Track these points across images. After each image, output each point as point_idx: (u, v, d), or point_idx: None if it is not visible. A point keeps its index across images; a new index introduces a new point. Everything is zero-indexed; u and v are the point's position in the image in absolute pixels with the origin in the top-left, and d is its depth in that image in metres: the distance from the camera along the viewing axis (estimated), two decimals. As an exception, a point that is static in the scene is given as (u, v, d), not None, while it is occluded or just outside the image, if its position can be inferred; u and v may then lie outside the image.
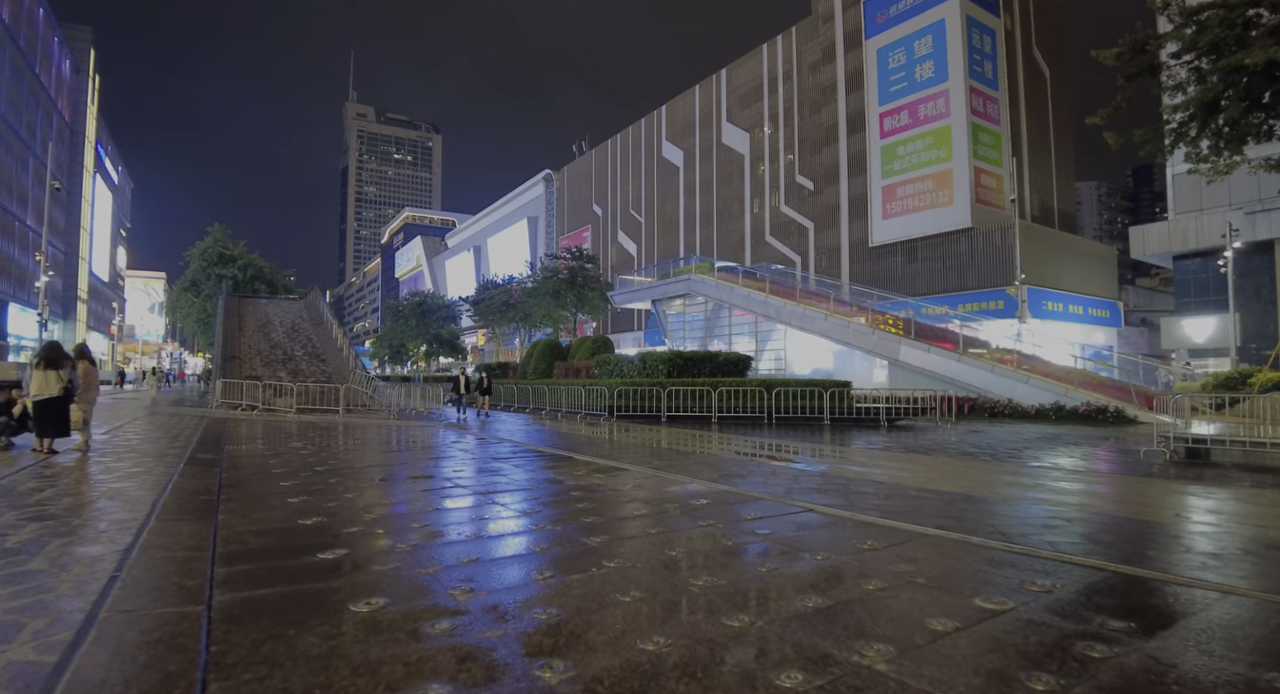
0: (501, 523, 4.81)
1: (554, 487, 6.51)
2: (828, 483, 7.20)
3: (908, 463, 9.15)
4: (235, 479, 6.85)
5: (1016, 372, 20.69)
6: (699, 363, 19.89)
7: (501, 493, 6.06)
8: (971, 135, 39.43)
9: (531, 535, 4.40)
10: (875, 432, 15.28)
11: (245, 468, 7.81)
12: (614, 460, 8.73)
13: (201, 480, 6.64)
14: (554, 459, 8.91)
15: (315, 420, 17.21)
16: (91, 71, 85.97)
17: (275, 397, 23.66)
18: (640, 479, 6.97)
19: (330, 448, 10.06)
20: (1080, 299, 40.54)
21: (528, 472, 7.66)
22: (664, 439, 12.49)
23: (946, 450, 10.96)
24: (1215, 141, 19.20)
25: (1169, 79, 19.77)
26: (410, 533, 4.38)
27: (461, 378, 17.79)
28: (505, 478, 7.10)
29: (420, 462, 8.67)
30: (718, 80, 57.88)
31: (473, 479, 7.06)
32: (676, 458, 9.31)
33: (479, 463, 8.56)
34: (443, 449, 10.33)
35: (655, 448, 10.82)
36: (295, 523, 4.60)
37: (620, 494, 6.00)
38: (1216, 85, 17.98)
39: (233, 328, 33.05)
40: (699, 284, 32.54)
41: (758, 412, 17.17)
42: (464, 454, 9.60)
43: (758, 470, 8.16)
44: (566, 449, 10.37)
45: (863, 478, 7.53)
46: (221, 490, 6.08)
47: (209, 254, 55.64)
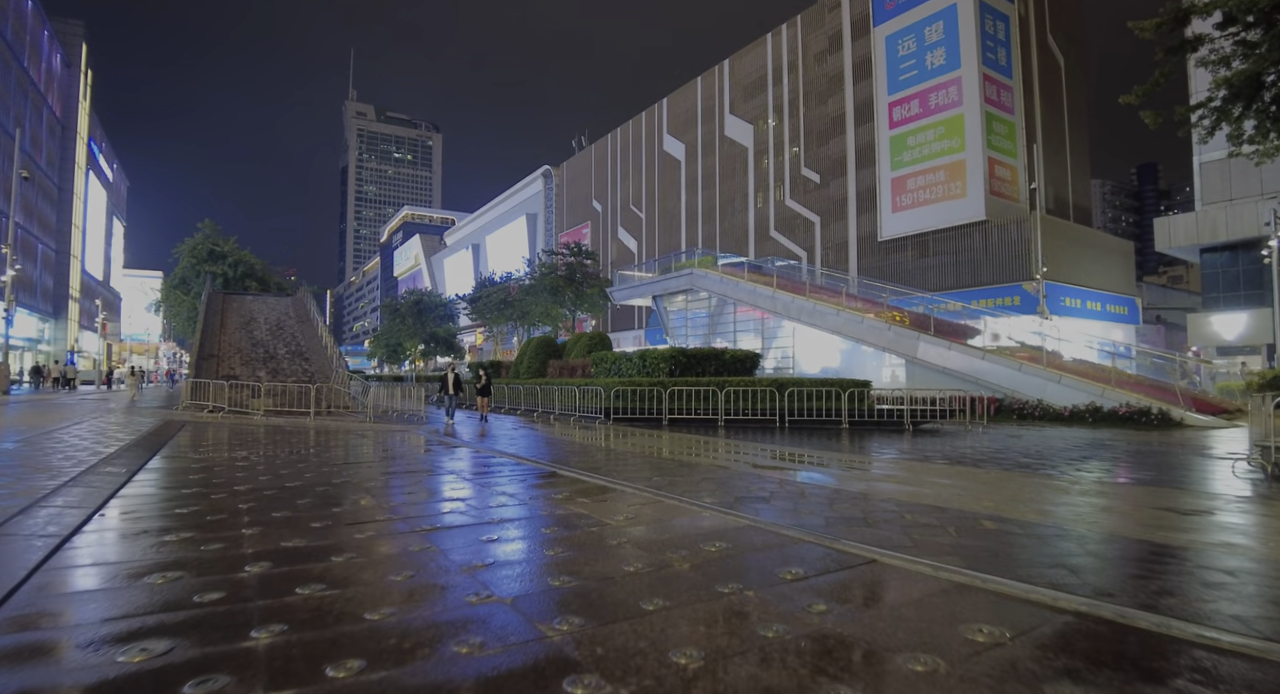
0: (424, 591, 3.28)
1: (523, 520, 4.99)
2: (875, 509, 5.67)
3: (958, 478, 7.62)
4: (126, 505, 5.34)
5: (1047, 370, 19.15)
6: (703, 361, 18.37)
7: (446, 532, 4.54)
8: (985, 124, 37.85)
9: (458, 625, 2.88)
10: (900, 437, 13.76)
11: (154, 485, 6.31)
12: (606, 476, 7.22)
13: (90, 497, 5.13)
14: (533, 475, 7.39)
15: (282, 424, 15.71)
16: (83, 66, 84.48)
17: (252, 397, 22.22)
18: (636, 505, 5.45)
19: (274, 460, 8.56)
20: (1098, 295, 38.95)
21: (495, 493, 6.14)
22: (665, 447, 10.98)
23: (995, 460, 9.43)
24: (1261, 122, 17.67)
25: (1212, 53, 18.23)
26: (279, 615, 2.87)
27: (450, 376, 15.95)
28: (460, 505, 5.58)
29: (367, 477, 7.16)
30: (720, 71, 56.33)
31: (417, 506, 5.54)
32: (680, 472, 7.79)
33: (437, 480, 7.06)
34: (399, 460, 8.82)
35: (655, 458, 9.30)
36: (149, 557, 3.10)
37: (608, 532, 4.48)
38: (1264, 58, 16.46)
39: (214, 325, 31.58)
40: (702, 279, 31.00)
41: (768, 414, 15.65)
42: (422, 467, 8.09)
43: (781, 490, 6.64)
44: (551, 461, 8.86)
45: (914, 501, 6.00)
46: (97, 514, 4.57)
47: (199, 251, 54.29)
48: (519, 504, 5.53)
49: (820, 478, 7.60)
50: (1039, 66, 42.45)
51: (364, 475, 7.23)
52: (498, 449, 10.15)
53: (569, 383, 18.67)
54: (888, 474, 7.89)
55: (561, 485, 6.56)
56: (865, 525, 5.04)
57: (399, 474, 7.46)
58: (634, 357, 18.46)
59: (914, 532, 4.76)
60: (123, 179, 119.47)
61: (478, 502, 5.65)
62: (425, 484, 6.73)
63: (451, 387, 16.12)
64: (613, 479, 6.95)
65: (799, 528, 4.66)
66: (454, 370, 16.71)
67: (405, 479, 7.06)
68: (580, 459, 9.21)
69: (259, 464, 7.97)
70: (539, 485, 6.58)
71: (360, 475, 7.21)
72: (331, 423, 16.38)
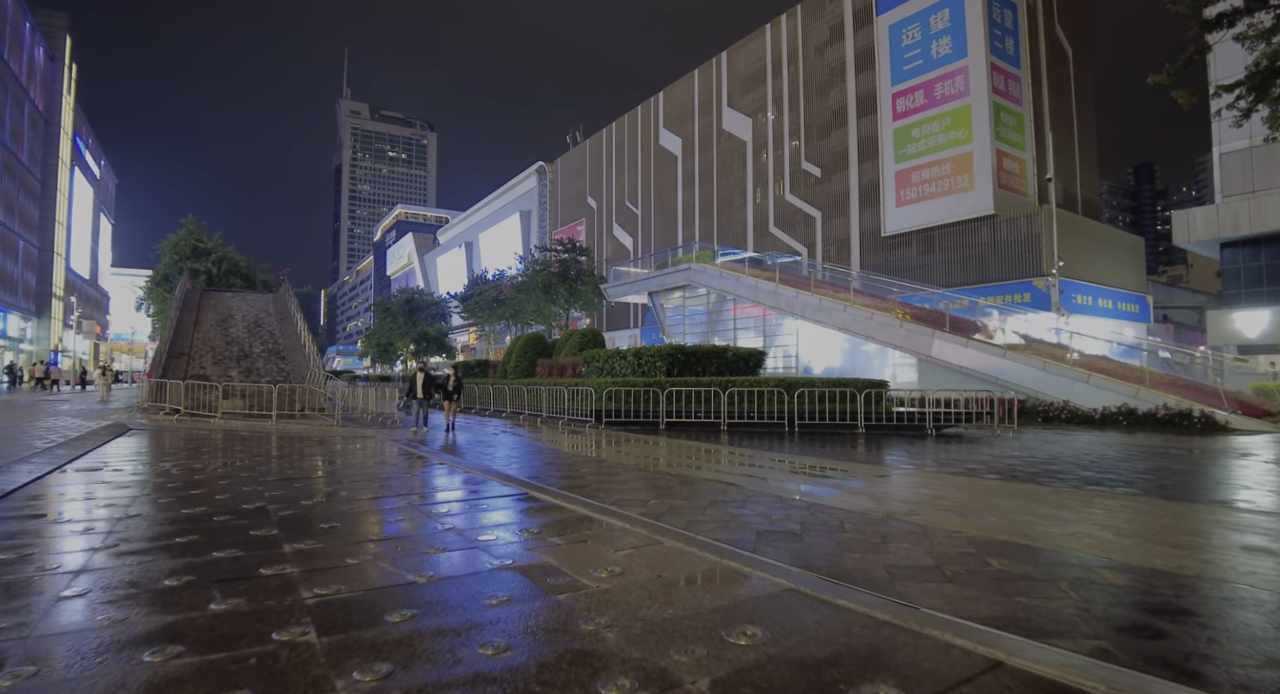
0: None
1: (459, 580, 3.53)
2: (946, 551, 4.22)
3: (1025, 500, 6.19)
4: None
5: (1073, 369, 17.76)
6: (704, 359, 16.91)
7: (330, 605, 3.08)
8: (993, 115, 36.51)
9: None
10: (922, 442, 12.34)
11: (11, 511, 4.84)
12: (591, 498, 5.78)
13: None
14: (500, 500, 5.93)
15: (240, 428, 14.21)
16: (67, 60, 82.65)
17: (221, 398, 20.73)
18: (627, 550, 4.01)
19: (192, 478, 7.10)
20: (1110, 292, 37.66)
21: (440, 530, 4.68)
22: (663, 456, 9.53)
23: (1052, 474, 8.01)
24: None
25: (1250, 29, 16.84)
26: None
27: (419, 377, 13.92)
28: (382, 552, 4.12)
29: (290, 502, 5.69)
30: (718, 63, 54.89)
31: (326, 553, 4.07)
32: (683, 493, 6.34)
33: (374, 507, 5.60)
34: (342, 477, 7.36)
35: (652, 472, 7.85)
36: None
37: (581, 606, 3.03)
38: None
39: (187, 322, 30.02)
40: (700, 274, 29.55)
41: (776, 417, 14.21)
42: (365, 488, 6.62)
43: (813, 519, 5.20)
44: (527, 477, 7.40)
45: (990, 537, 4.56)
46: None
47: (181, 247, 52.75)
48: (465, 549, 4.06)
49: (856, 501, 6.16)
50: (1047, 57, 41.13)
51: (289, 497, 5.76)
52: (465, 462, 8.69)
53: (557, 383, 17.20)
54: (937, 494, 6.44)
55: (532, 515, 5.11)
56: (945, 580, 3.60)
57: (330, 499, 5.99)
58: (628, 355, 17.00)
59: (1022, 595, 3.32)
60: (110, 176, 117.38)
61: (412, 545, 4.19)
62: (354, 514, 5.26)
63: (421, 389, 13.74)
64: (599, 504, 5.50)
65: (862, 590, 3.22)
66: (423, 370, 14.28)
67: (334, 506, 5.59)
68: (562, 474, 7.76)
69: (168, 485, 6.50)
70: (503, 517, 5.12)
71: (286, 497, 5.74)
72: (295, 427, 14.89)
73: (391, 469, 7.93)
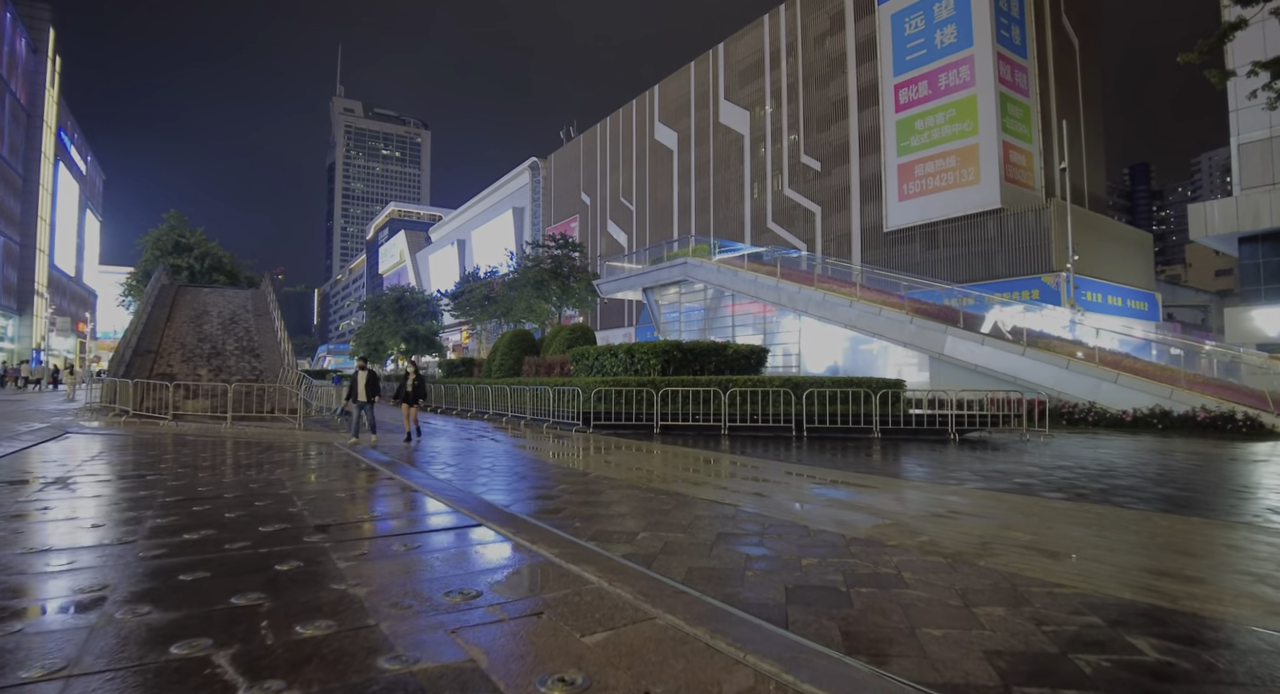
0: None
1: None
2: (1097, 640, 2.90)
3: (1125, 534, 4.88)
4: None
5: (1100, 367, 16.48)
6: (702, 356, 15.57)
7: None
8: (1000, 106, 35.28)
9: None
10: (946, 448, 11.03)
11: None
12: (565, 528, 4.45)
13: None
14: (442, 534, 4.59)
15: (189, 432, 12.82)
16: (51, 52, 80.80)
17: (186, 398, 19.35)
18: (601, 637, 2.70)
19: (78, 500, 5.73)
20: (1119, 289, 36.48)
21: (339, 588, 3.34)
22: (657, 467, 8.19)
23: (1123, 492, 6.70)
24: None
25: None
26: None
27: (360, 376, 11.46)
28: (245, 629, 2.79)
29: (175, 532, 4.34)
30: (714, 55, 53.57)
31: (131, 647, 2.73)
32: (682, 522, 5.01)
33: (266, 548, 4.24)
34: (264, 495, 5.99)
35: (644, 491, 6.51)
36: None
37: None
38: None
39: (159, 319, 28.57)
40: (696, 269, 28.19)
41: (781, 420, 12.89)
42: (280, 511, 5.27)
43: (861, 568, 3.87)
44: (488, 499, 6.06)
45: (1145, 606, 3.25)
46: None
47: (163, 242, 51.19)
48: (350, 632, 2.71)
49: (904, 533, 4.83)
50: (1054, 48, 39.92)
51: (179, 526, 4.41)
52: (419, 479, 7.33)
53: (543, 383, 15.83)
54: (1002, 524, 5.11)
55: (478, 563, 3.77)
56: (1089, 686, 2.28)
57: (224, 534, 4.63)
58: (619, 351, 15.63)
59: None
60: (97, 172, 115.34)
61: (280, 617, 2.83)
62: (229, 566, 3.91)
63: (364, 391, 11.33)
64: (573, 541, 4.16)
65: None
66: (364, 368, 11.82)
67: (202, 552, 4.24)
68: (534, 494, 6.42)
69: (42, 509, 5.13)
70: (435, 568, 3.77)
71: (177, 526, 4.39)
72: (253, 430, 13.51)
73: (329, 486, 6.58)
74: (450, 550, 4.02)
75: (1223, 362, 18.80)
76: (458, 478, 7.30)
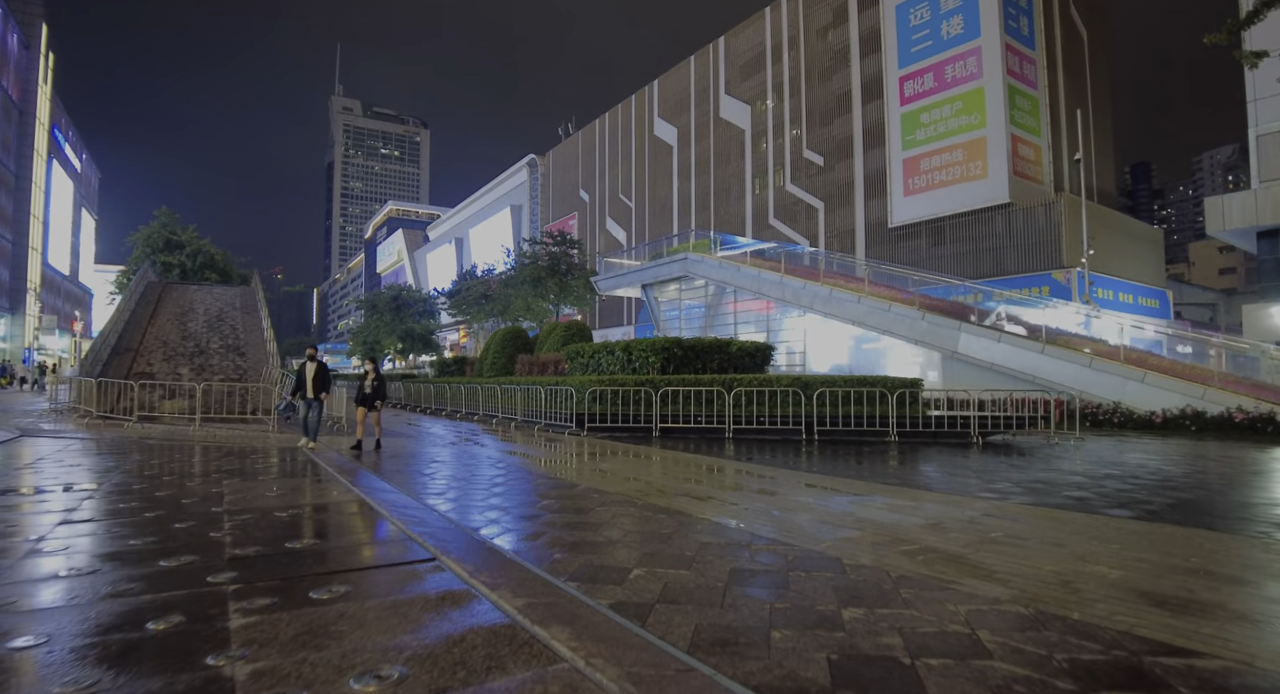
0: None
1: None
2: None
3: (1244, 570, 3.96)
4: None
5: (1125, 366, 15.56)
6: (704, 354, 14.64)
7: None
8: (1008, 98, 34.34)
9: None
10: (971, 453, 10.11)
11: None
12: (540, 562, 3.54)
13: None
14: (383, 572, 3.68)
15: (152, 435, 11.89)
16: (43, 48, 79.79)
17: (164, 399, 18.44)
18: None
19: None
20: (1130, 287, 35.55)
21: (213, 668, 2.42)
22: (656, 477, 7.25)
23: (1198, 509, 5.78)
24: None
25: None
26: None
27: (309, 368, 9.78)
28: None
29: (64, 570, 3.43)
30: (715, 49, 52.62)
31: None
32: (686, 554, 4.09)
33: (136, 615, 3.33)
34: (189, 514, 5.07)
35: (640, 508, 5.58)
36: None
37: None
38: None
39: (142, 316, 27.64)
40: (697, 264, 27.26)
41: (790, 422, 11.96)
42: (206, 534, 4.35)
43: (924, 630, 2.95)
44: (455, 516, 5.14)
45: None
46: None
47: (154, 240, 50.33)
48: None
49: (964, 572, 3.91)
50: (1062, 40, 38.99)
51: (62, 560, 3.49)
52: (371, 496, 6.41)
53: (536, 382, 14.90)
54: (1077, 554, 4.19)
55: (407, 630, 2.85)
56: None
57: (110, 573, 3.71)
58: (616, 349, 14.70)
59: None
60: (93, 170, 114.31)
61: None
62: (87, 626, 2.99)
63: (312, 387, 9.56)
64: (549, 583, 3.25)
65: None
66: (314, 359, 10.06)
67: (87, 599, 3.31)
68: (510, 513, 5.49)
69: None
70: (344, 633, 2.85)
71: (61, 559, 3.48)
72: (222, 433, 12.58)
73: (264, 505, 5.66)
74: (385, 600, 3.09)
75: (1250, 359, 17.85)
76: (427, 491, 6.38)
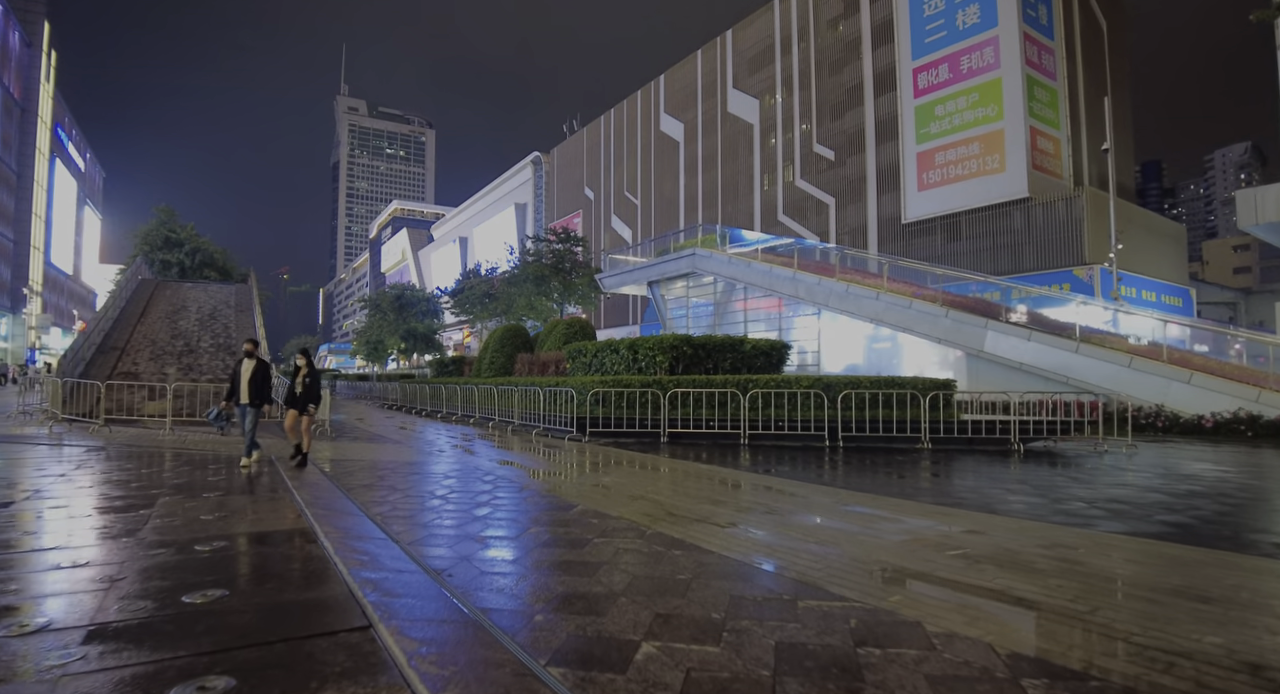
0: None
1: None
2: None
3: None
4: None
5: (1168, 366, 14.45)
6: (716, 353, 13.60)
7: None
8: (1027, 89, 33.18)
9: None
10: (1016, 463, 9.04)
11: None
12: (522, 644, 2.53)
13: None
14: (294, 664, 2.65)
15: (115, 439, 10.92)
16: (46, 46, 79.27)
17: (149, 399, 17.53)
18: None
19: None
20: (1153, 284, 34.31)
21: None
22: (665, 496, 6.22)
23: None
24: None
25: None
26: None
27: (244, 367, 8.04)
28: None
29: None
30: (722, 43, 51.54)
31: None
32: (713, 615, 3.05)
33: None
34: (74, 566, 4.08)
35: (648, 540, 4.54)
36: None
37: None
38: None
39: (132, 314, 26.78)
40: (706, 260, 26.20)
41: (812, 427, 10.91)
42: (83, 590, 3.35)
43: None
44: (415, 550, 4.11)
45: None
46: None
47: (153, 238, 49.59)
48: None
49: (1113, 658, 2.88)
50: (1081, 30, 37.75)
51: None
52: (321, 522, 5.40)
53: (535, 383, 13.89)
54: (1225, 598, 3.15)
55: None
56: None
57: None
58: (621, 347, 13.68)
59: None
60: (97, 169, 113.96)
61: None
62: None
63: (247, 390, 7.97)
64: (523, 682, 2.23)
65: None
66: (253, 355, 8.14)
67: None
68: (487, 547, 4.47)
69: None
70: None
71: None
72: (194, 438, 11.63)
73: (184, 538, 4.66)
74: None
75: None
76: (397, 513, 5.37)
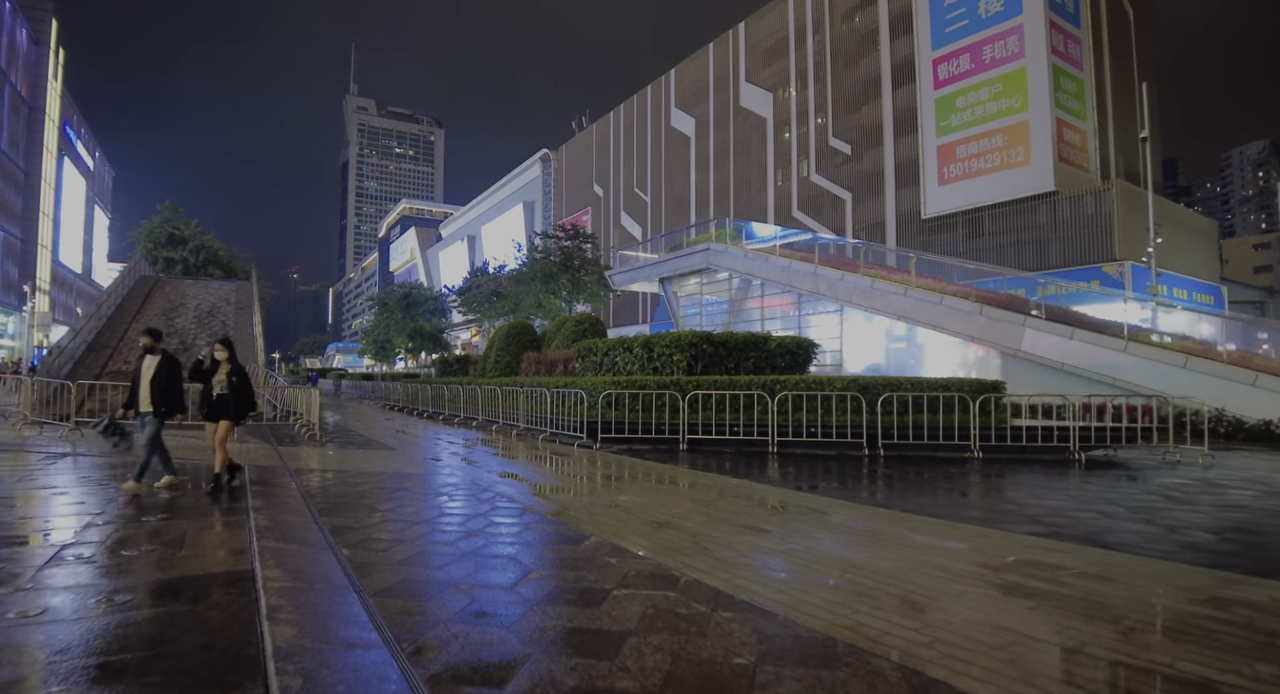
0: None
1: None
2: None
3: None
4: None
5: (1229, 367, 13.31)
6: (738, 351, 12.56)
7: None
8: (1053, 79, 31.90)
9: None
10: (1080, 475, 7.97)
11: None
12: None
13: None
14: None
15: (72, 443, 10.02)
16: (53, 44, 78.97)
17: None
18: None
19: None
20: (1184, 281, 32.96)
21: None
22: (696, 524, 5.19)
23: None
24: None
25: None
26: None
27: (145, 366, 6.45)
28: None
29: None
30: (735, 35, 50.42)
31: None
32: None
33: None
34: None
35: (682, 598, 3.53)
36: None
37: None
38: None
39: (128, 311, 26.04)
40: (720, 255, 25.14)
41: (848, 434, 9.86)
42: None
43: None
44: (398, 602, 3.12)
45: None
46: None
47: (156, 235, 48.92)
48: None
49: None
50: (1108, 19, 36.40)
51: None
52: (276, 559, 4.43)
53: (543, 383, 12.90)
54: None
55: None
56: None
57: None
58: (635, 345, 12.67)
59: None
60: (106, 168, 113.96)
61: None
62: None
63: (148, 396, 6.37)
64: None
65: None
66: (156, 350, 6.69)
67: None
68: (469, 605, 3.48)
69: None
70: None
71: None
72: (172, 442, 10.71)
73: (103, 585, 3.71)
74: None
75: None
76: (369, 547, 4.39)
